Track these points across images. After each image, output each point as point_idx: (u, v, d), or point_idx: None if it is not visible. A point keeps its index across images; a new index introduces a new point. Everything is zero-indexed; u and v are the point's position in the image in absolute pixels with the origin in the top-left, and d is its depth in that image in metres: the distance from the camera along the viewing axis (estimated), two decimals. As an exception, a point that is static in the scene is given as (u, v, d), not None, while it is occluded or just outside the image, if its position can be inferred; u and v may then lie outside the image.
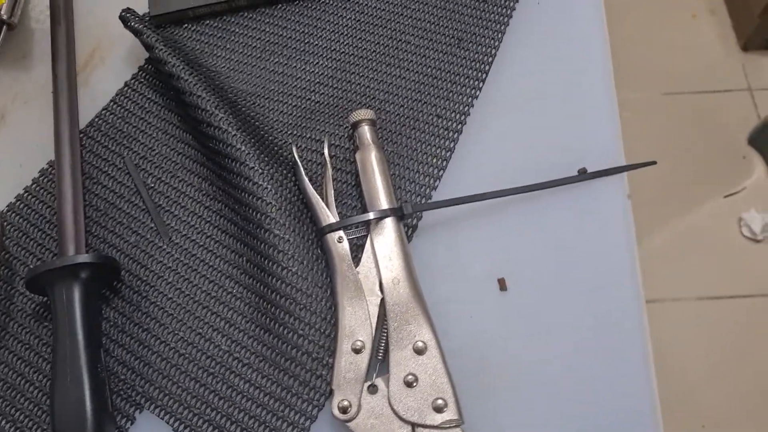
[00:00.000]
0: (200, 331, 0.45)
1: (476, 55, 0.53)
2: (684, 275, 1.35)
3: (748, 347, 1.27)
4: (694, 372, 1.25)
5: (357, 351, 0.42)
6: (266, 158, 0.47)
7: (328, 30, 0.55)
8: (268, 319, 0.44)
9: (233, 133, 0.47)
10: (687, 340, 1.29)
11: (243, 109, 0.51)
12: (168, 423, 0.43)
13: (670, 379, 1.22)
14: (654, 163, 0.51)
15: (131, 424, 0.43)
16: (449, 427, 0.40)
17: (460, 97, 0.51)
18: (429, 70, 0.52)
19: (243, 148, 0.47)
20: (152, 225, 0.48)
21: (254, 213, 0.46)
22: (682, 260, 1.37)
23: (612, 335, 0.44)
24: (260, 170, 0.46)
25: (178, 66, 0.50)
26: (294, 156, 0.48)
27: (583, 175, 0.49)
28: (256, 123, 0.51)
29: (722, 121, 1.52)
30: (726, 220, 1.42)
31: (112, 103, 0.53)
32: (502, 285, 0.45)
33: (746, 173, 1.46)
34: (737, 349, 1.28)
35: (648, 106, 1.53)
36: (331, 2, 0.56)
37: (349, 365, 0.42)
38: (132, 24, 0.52)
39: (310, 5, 0.56)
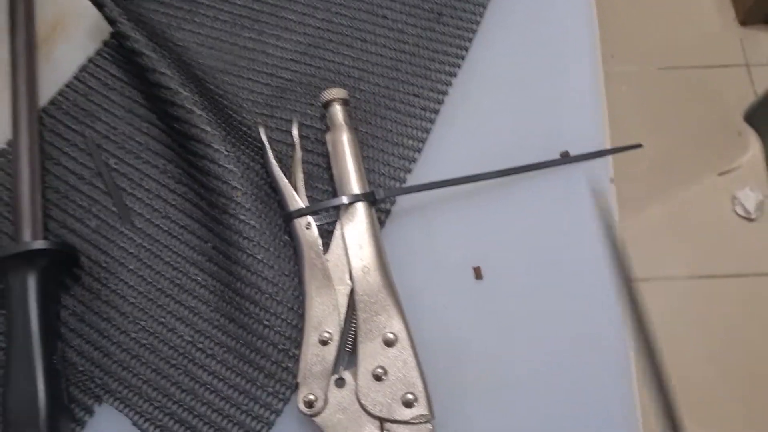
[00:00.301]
0: (163, 320, 0.43)
1: (456, 31, 0.50)
2: (676, 254, 1.34)
3: (741, 327, 1.26)
4: (686, 351, 1.24)
5: (324, 342, 0.40)
6: (233, 140, 0.45)
7: (302, 3, 0.52)
8: (233, 308, 0.42)
9: (198, 113, 0.45)
10: (679, 319, 1.28)
11: (210, 87, 0.49)
12: (127, 416, 0.41)
13: (660, 359, 1.21)
14: (639, 146, 0.48)
15: (90, 416, 0.41)
16: (419, 423, 0.38)
17: (438, 75, 0.49)
18: (406, 46, 0.50)
19: (208, 129, 0.44)
20: (114, 209, 0.46)
21: (219, 197, 0.44)
22: (675, 238, 1.36)
23: (592, 324, 0.42)
24: (226, 153, 0.44)
25: (141, 42, 0.47)
26: (261, 137, 0.45)
27: (565, 159, 0.47)
28: (224, 102, 0.48)
29: (718, 96, 1.49)
30: (719, 198, 1.40)
31: (74, 80, 0.51)
32: (478, 274, 0.43)
33: (741, 150, 1.44)
34: (730, 329, 1.27)
35: (643, 81, 1.51)
36: (306, -26, 0.54)
37: (316, 357, 0.40)
38: (94, -4, 0.49)
39: (283, -23, 0.54)
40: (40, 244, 0.42)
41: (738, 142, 1.44)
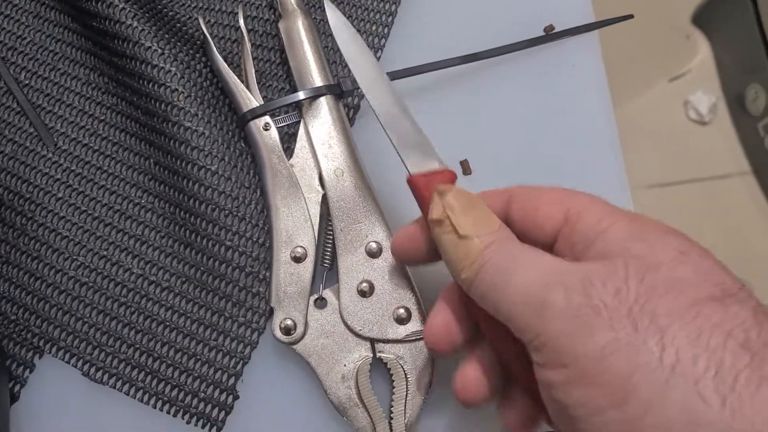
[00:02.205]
0: (105, 253, 0.37)
1: None
2: (633, 165, 1.32)
3: (701, 232, 1.26)
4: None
5: (298, 259, 0.35)
6: (167, 36, 0.38)
7: None
8: (187, 231, 0.36)
9: (121, 6, 0.37)
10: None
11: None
12: (76, 366, 0.35)
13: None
14: (631, 16, 0.43)
15: (30, 372, 0.35)
16: (415, 339, 0.34)
17: (399, -50, 0.42)
18: None
19: (135, 24, 0.37)
20: (32, 130, 0.39)
21: (158, 104, 0.37)
22: (629, 149, 1.33)
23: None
24: (160, 50, 0.37)
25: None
26: (202, 29, 0.39)
27: (549, 36, 0.41)
28: (151, -5, 0.41)
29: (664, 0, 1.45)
30: (672, 104, 1.37)
31: (-35, -16, 0.43)
32: (466, 168, 0.38)
33: (691, 54, 1.41)
34: (691, 235, 1.26)
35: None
36: None
37: (290, 277, 0.34)
38: None
39: None
40: (-57, 175, 0.35)
41: (687, 46, 1.41)
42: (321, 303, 0.35)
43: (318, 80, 0.37)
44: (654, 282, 0.22)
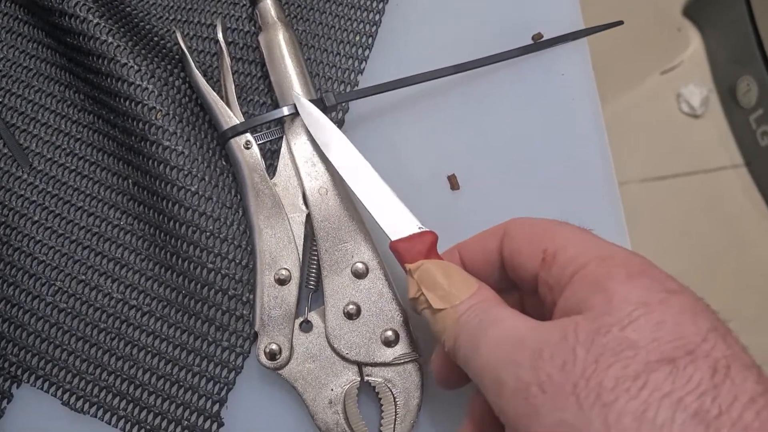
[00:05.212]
0: (83, 277, 0.35)
1: None
2: (626, 158, 1.31)
3: (693, 225, 1.25)
4: (644, 254, 1.22)
5: (282, 282, 0.34)
6: (144, 51, 0.37)
7: None
8: (168, 253, 0.35)
9: (95, 21, 0.36)
10: (632, 224, 1.26)
11: (108, -8, 0.40)
12: (55, 395, 0.34)
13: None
14: (620, 23, 0.42)
15: (8, 402, 0.34)
16: (403, 362, 0.33)
17: (382, -43, 0.41)
18: (340, -75, 0.42)
19: (111, 40, 0.36)
20: (6, 150, 0.38)
21: (135, 122, 0.36)
22: (622, 143, 1.32)
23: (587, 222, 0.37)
24: (136, 67, 0.36)
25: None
26: (180, 44, 0.37)
27: (537, 44, 0.40)
28: (127, 8, 0.40)
29: (655, -7, 1.44)
30: (664, 97, 1.37)
31: (-64, -1, 0.41)
32: (454, 183, 0.37)
33: (683, 46, 1.40)
34: (682, 229, 1.25)
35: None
36: None
37: (274, 300, 0.33)
38: None
39: None
40: None
41: (678, 38, 1.40)
42: (306, 326, 0.34)
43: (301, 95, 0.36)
44: (602, 349, 0.21)
